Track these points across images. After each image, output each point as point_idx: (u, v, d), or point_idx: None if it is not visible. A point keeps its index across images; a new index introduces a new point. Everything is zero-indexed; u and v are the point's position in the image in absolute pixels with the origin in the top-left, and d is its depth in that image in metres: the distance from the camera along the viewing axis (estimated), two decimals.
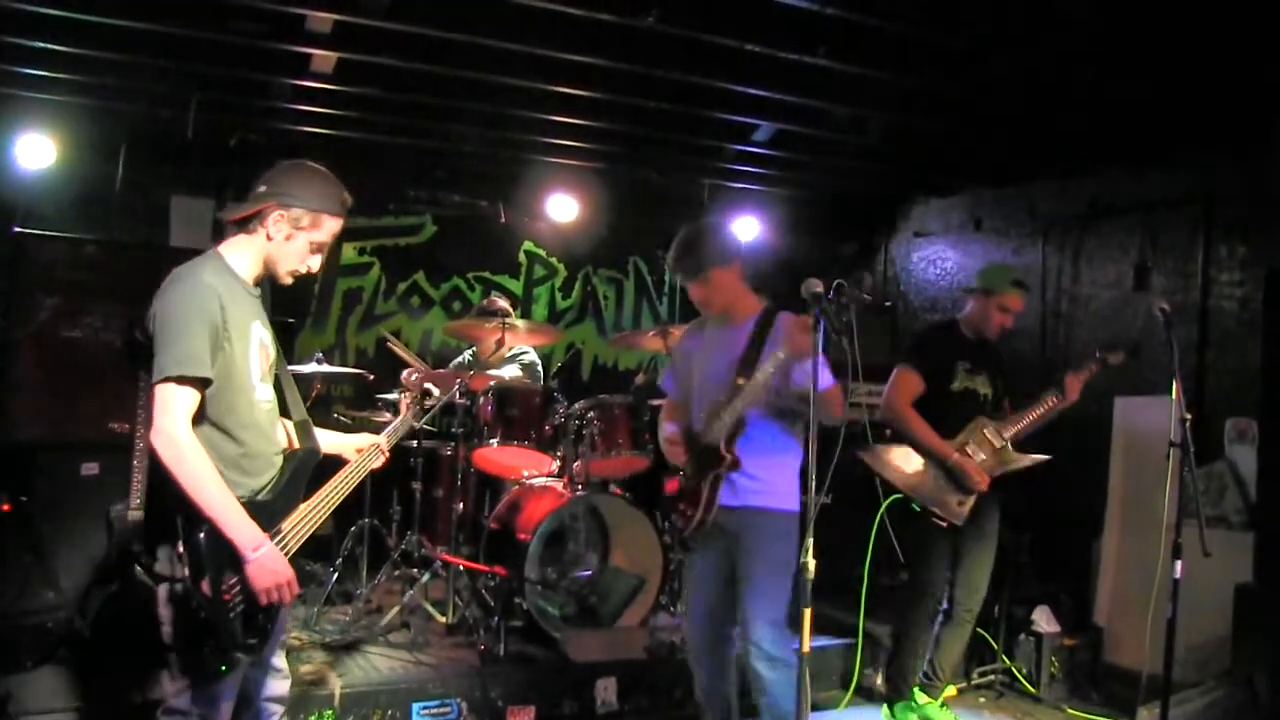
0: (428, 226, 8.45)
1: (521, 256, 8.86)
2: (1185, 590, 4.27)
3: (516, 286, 8.80)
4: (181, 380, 2.82)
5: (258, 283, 3.18)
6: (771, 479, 4.02)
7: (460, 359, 7.12)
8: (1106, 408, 6.24)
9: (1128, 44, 5.24)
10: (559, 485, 5.67)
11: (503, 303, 6.83)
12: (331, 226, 3.16)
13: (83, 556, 5.34)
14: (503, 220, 8.38)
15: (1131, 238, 6.63)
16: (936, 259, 8.27)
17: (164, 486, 2.82)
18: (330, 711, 4.58)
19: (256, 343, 3.08)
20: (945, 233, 8.22)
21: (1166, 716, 4.28)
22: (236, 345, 2.97)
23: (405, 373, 6.58)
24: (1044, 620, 5.79)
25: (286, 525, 3.08)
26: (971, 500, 4.81)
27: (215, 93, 6.39)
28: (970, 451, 4.84)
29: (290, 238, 3.09)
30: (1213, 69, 5.32)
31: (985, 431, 4.90)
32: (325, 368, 5.89)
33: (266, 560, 2.91)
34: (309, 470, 3.25)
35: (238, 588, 2.89)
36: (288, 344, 7.20)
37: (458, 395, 5.73)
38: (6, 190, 6.67)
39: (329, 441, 3.49)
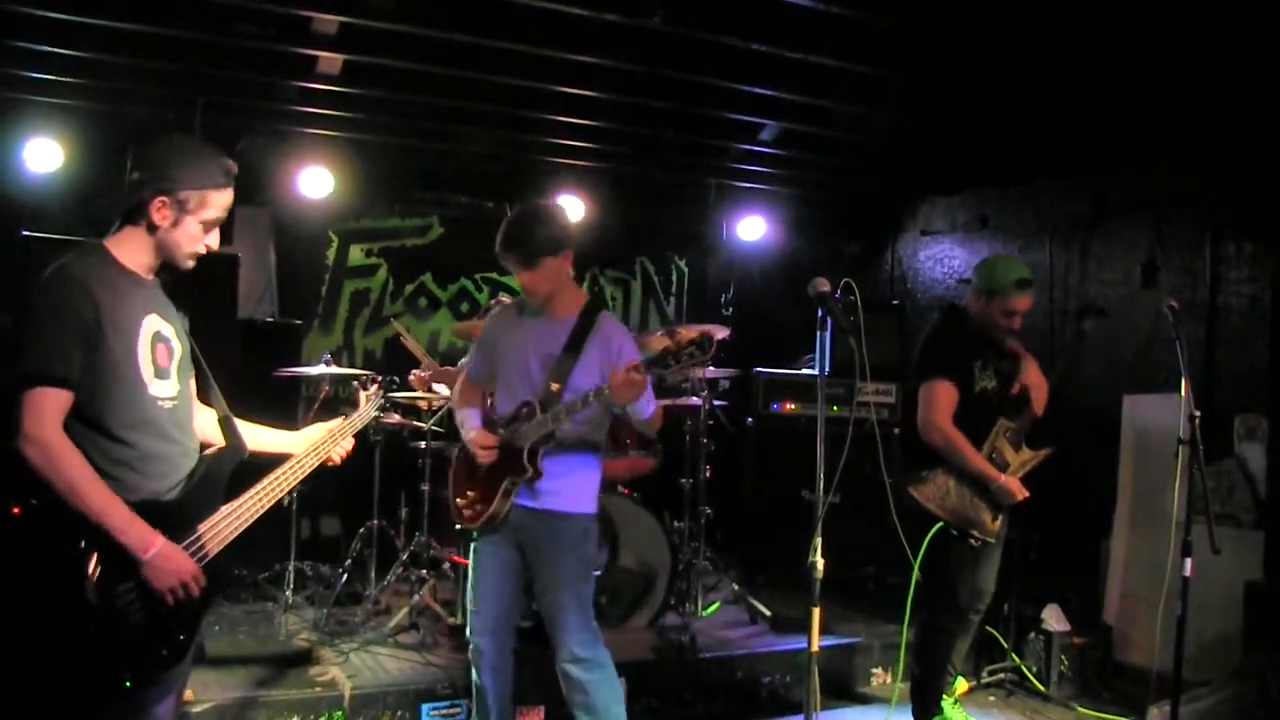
0: (434, 227, 8.45)
1: None
2: (1195, 588, 4.26)
3: None
4: (45, 381, 2.63)
5: (155, 272, 2.95)
6: (571, 485, 3.95)
7: (468, 359, 7.12)
8: (1115, 405, 6.23)
9: (1134, 41, 5.23)
10: None
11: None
12: (221, 200, 2.92)
13: None
14: None
15: (1139, 236, 6.62)
16: (943, 257, 8.26)
17: (39, 496, 2.64)
18: (340, 713, 4.59)
19: (148, 337, 2.84)
20: (951, 231, 8.21)
21: (1177, 715, 4.28)
22: (117, 342, 2.74)
23: (414, 372, 6.60)
24: (1053, 619, 5.78)
25: (204, 527, 2.85)
26: (1004, 516, 4.66)
27: (221, 95, 6.40)
28: (996, 459, 4.62)
29: (179, 223, 2.86)
30: (1220, 65, 5.31)
31: (1007, 435, 4.68)
32: (333, 369, 5.89)
33: (161, 560, 2.69)
34: (227, 470, 3.00)
35: (131, 594, 2.68)
36: (295, 345, 7.22)
37: None
38: (15, 194, 6.68)
39: (273, 440, 3.27)
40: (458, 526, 4.11)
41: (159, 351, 2.88)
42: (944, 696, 4.99)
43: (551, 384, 3.89)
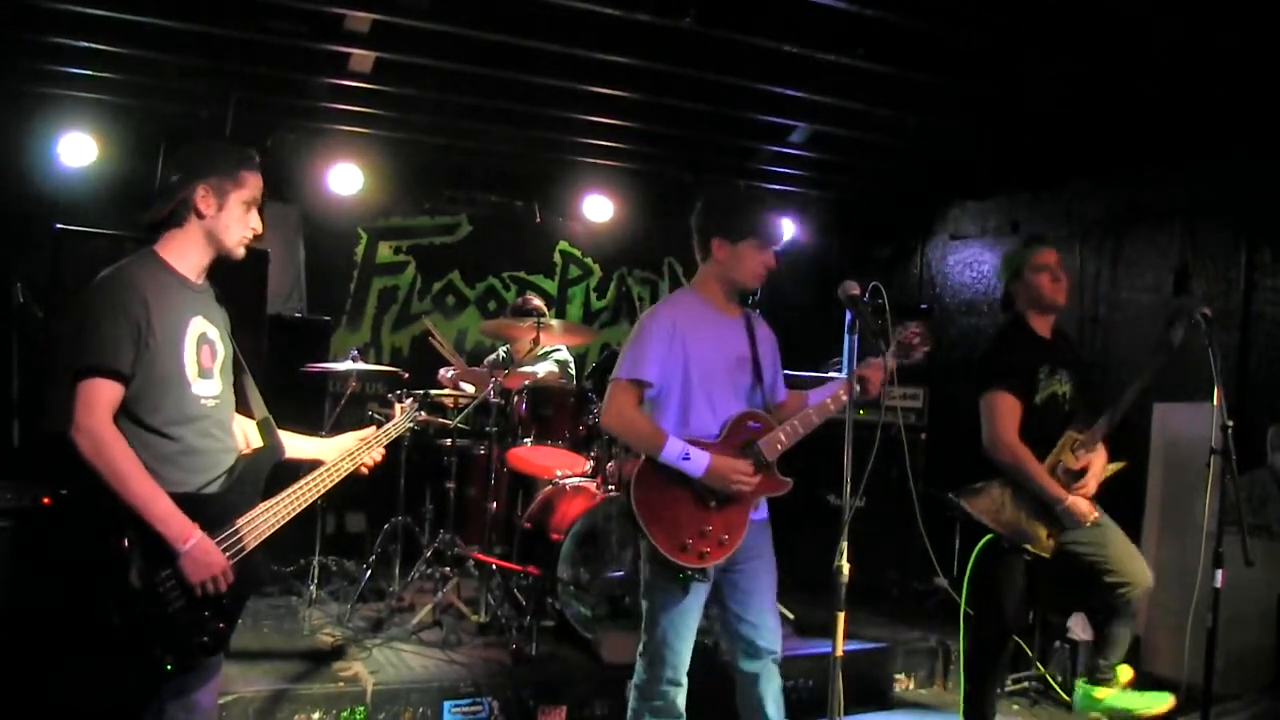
0: (463, 226, 8.48)
1: (556, 256, 8.88)
2: (1225, 600, 4.20)
3: (551, 286, 8.81)
4: (98, 372, 2.76)
5: (206, 273, 3.11)
6: None
7: (494, 357, 7.14)
8: (1145, 414, 6.16)
9: (1166, 44, 5.18)
10: (592, 486, 5.66)
11: (537, 301, 6.83)
12: (253, 180, 3.09)
13: None
14: (538, 220, 8.40)
15: (1171, 241, 6.55)
16: (973, 262, 8.21)
17: (88, 484, 2.75)
18: (362, 708, 4.60)
19: (193, 338, 2.98)
20: (981, 236, 8.16)
21: None
22: (164, 342, 2.89)
23: (442, 371, 6.62)
24: (1079, 628, 5.72)
25: (242, 521, 2.98)
26: (1061, 533, 4.42)
27: (253, 92, 6.44)
28: (1060, 476, 4.39)
29: (224, 205, 3.02)
30: (1253, 68, 5.25)
31: (1074, 448, 4.44)
32: (360, 365, 5.91)
33: (197, 553, 2.80)
34: (265, 469, 3.13)
35: (171, 580, 2.80)
36: (323, 342, 7.25)
37: (492, 394, 5.74)
38: (49, 188, 6.76)
39: (306, 447, 3.37)
40: (691, 571, 3.65)
41: (203, 352, 3.03)
42: (1110, 688, 4.67)
43: (760, 388, 3.76)
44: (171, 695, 2.95)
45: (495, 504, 5.95)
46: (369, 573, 5.90)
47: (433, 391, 6.07)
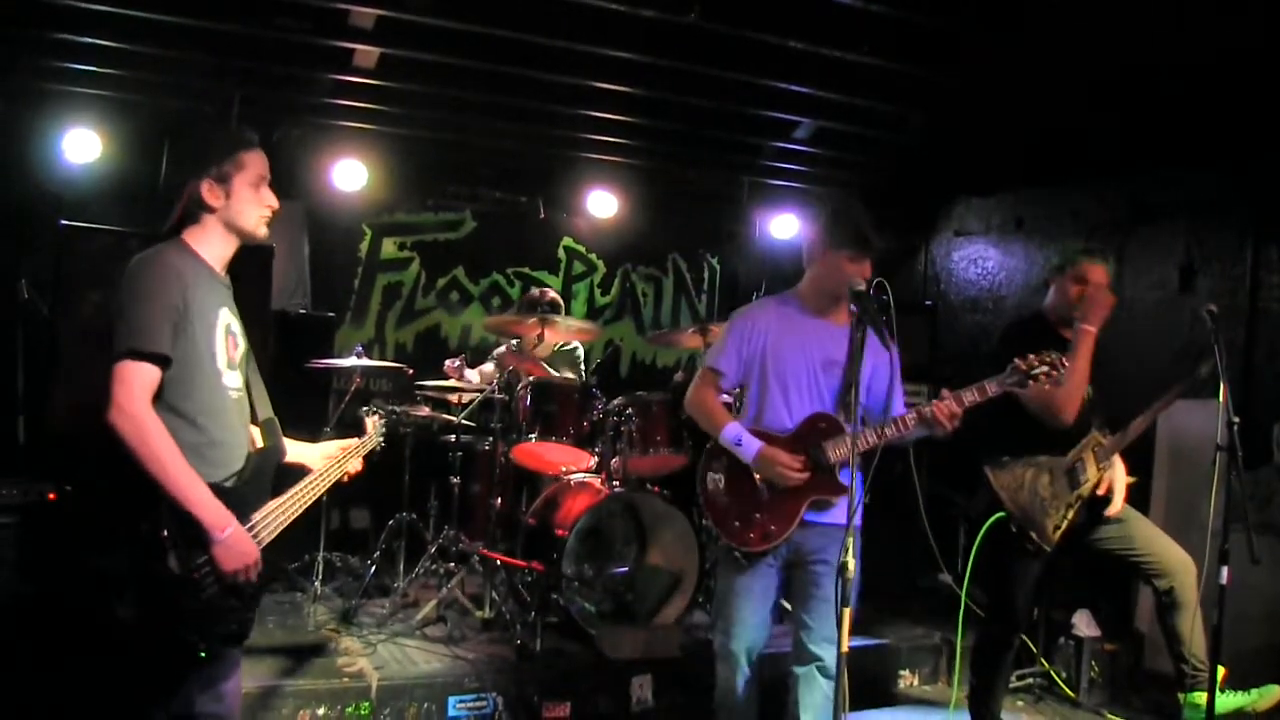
0: (467, 222, 8.49)
1: (560, 253, 8.88)
2: (1231, 598, 4.19)
3: (555, 282, 8.81)
4: (139, 355, 2.75)
5: (227, 268, 3.12)
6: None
7: (505, 349, 7.10)
8: None
9: (1171, 42, 5.17)
10: (596, 482, 5.66)
11: (553, 294, 6.70)
12: (254, 159, 3.07)
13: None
14: (542, 216, 8.40)
15: (1177, 239, 6.54)
16: (977, 258, 8.20)
17: (124, 468, 2.74)
18: (367, 704, 4.60)
19: (222, 328, 3.00)
20: (986, 233, 8.14)
21: None
22: (199, 329, 2.89)
23: (448, 362, 6.61)
24: (1083, 624, 5.71)
25: (257, 517, 2.98)
26: (1065, 526, 4.40)
27: (258, 88, 6.44)
28: (1078, 470, 4.41)
29: (230, 191, 3.01)
30: (1260, 65, 5.24)
31: (1095, 449, 4.47)
32: (365, 361, 5.91)
33: (234, 541, 2.81)
34: (271, 468, 3.16)
35: (206, 567, 2.79)
36: (327, 338, 7.26)
37: (497, 391, 5.74)
38: (54, 184, 6.76)
39: (295, 451, 3.38)
40: (738, 552, 3.79)
41: (229, 343, 3.04)
42: (1203, 691, 4.43)
43: (849, 397, 3.61)
44: (201, 687, 2.96)
45: (500, 500, 5.96)
46: (373, 568, 5.91)
47: (399, 409, 5.94)
